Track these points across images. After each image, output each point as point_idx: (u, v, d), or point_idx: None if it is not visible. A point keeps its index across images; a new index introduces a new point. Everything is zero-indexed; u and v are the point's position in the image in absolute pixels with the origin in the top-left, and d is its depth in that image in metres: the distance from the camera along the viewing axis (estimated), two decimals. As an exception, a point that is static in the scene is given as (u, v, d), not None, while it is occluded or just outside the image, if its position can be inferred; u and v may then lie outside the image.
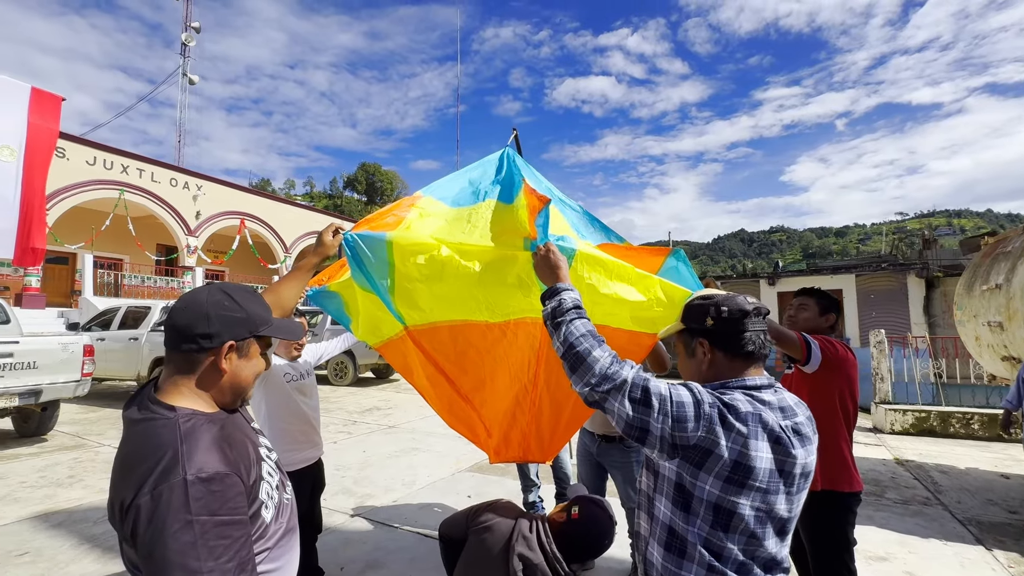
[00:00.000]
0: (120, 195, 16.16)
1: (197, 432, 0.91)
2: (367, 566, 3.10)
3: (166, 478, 0.83)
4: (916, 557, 3.33)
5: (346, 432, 6.77)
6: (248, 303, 1.06)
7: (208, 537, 0.81)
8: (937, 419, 7.00)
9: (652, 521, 1.18)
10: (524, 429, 2.00)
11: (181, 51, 26.06)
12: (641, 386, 1.13)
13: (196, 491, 0.83)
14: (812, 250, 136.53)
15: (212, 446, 0.91)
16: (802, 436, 1.13)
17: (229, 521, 0.85)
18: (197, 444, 0.89)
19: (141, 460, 0.87)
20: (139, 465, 0.86)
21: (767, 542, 1.09)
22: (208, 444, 0.90)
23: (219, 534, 0.83)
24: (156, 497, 0.81)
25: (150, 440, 0.89)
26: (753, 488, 1.06)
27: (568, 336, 1.23)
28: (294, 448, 2.51)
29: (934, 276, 15.18)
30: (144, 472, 0.84)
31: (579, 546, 1.68)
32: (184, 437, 0.89)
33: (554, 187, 2.23)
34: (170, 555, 0.79)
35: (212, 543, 0.82)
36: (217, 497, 0.85)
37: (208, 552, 0.81)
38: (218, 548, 0.82)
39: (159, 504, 0.81)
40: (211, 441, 0.91)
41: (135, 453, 0.89)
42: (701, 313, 1.25)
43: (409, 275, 1.82)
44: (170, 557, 0.79)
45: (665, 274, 1.67)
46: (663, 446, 1.10)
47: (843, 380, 2.15)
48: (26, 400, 5.57)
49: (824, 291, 2.44)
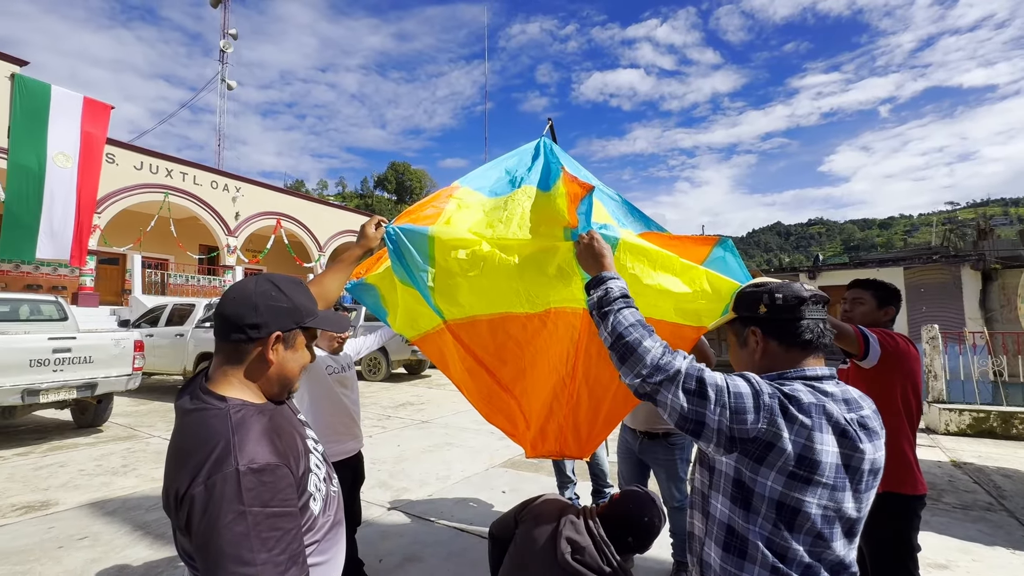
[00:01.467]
0: (165, 198, 16.91)
1: (248, 423, 0.91)
2: (405, 559, 3.12)
3: (219, 468, 0.83)
4: (981, 565, 3.12)
5: (380, 427, 6.88)
6: (295, 294, 1.05)
7: (261, 528, 0.81)
8: (997, 419, 6.57)
9: (708, 520, 1.13)
10: (561, 423, 1.97)
11: (220, 58, 27.03)
12: (696, 376, 1.07)
13: (248, 482, 0.82)
14: (854, 243, 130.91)
15: (263, 437, 0.90)
16: (869, 430, 1.05)
17: (280, 513, 0.85)
18: (248, 435, 0.88)
19: (194, 450, 0.87)
20: (192, 455, 0.86)
21: (835, 543, 1.02)
22: (259, 435, 0.90)
23: (271, 525, 0.82)
24: (210, 488, 0.81)
25: (202, 430, 0.89)
26: (820, 484, 1.00)
27: (617, 326, 1.19)
28: (335, 440, 2.55)
29: (991, 268, 14.26)
30: (197, 462, 0.84)
31: (622, 525, 1.67)
32: (235, 428, 0.88)
33: (592, 176, 2.17)
34: (224, 546, 0.78)
35: (265, 534, 0.81)
36: (269, 488, 0.84)
37: (261, 543, 0.80)
38: (270, 540, 0.81)
39: (212, 494, 0.81)
40: (261, 432, 0.91)
41: (188, 443, 0.90)
42: (754, 300, 1.18)
43: (450, 270, 1.80)
44: (224, 548, 0.78)
45: (711, 264, 1.60)
46: (720, 439, 1.04)
47: (904, 376, 2.02)
48: (83, 393, 5.88)
49: (881, 281, 2.28)
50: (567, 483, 3.68)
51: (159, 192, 16.93)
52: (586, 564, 1.54)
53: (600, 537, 1.61)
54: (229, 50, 26.85)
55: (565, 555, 1.56)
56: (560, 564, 1.55)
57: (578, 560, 1.56)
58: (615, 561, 1.56)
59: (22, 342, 5.51)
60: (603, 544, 1.59)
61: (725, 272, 1.54)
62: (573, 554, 1.56)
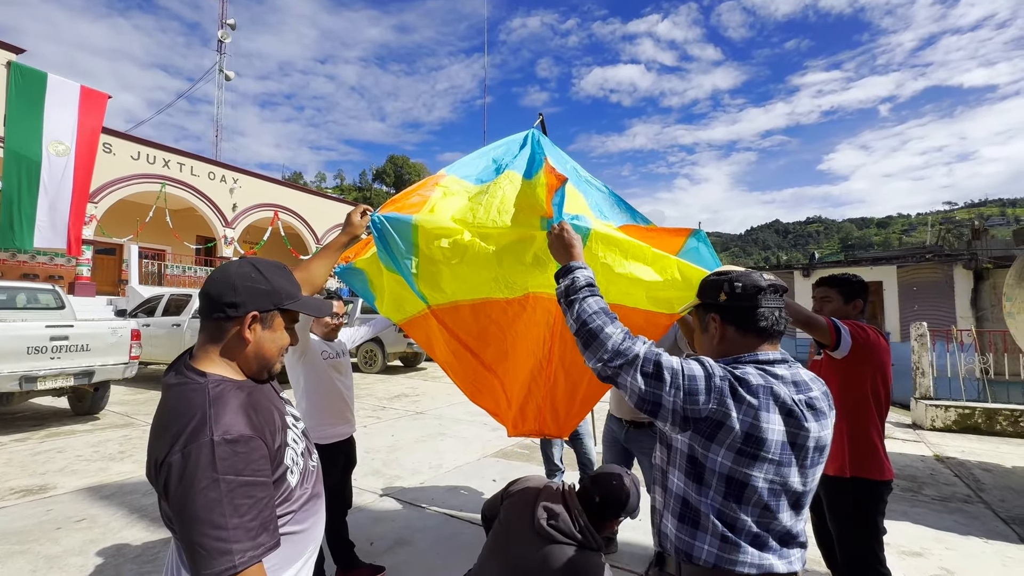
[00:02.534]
0: (162, 188, 16.88)
1: (225, 397, 0.96)
2: (396, 543, 3.21)
3: (195, 438, 0.88)
4: (954, 554, 3.22)
5: (375, 417, 6.95)
6: (275, 277, 1.09)
7: (233, 495, 0.86)
8: (982, 416, 6.69)
9: (666, 494, 1.21)
10: (539, 403, 2.04)
11: (217, 48, 26.83)
12: (653, 360, 1.14)
13: (222, 451, 0.87)
14: (852, 241, 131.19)
15: (239, 411, 0.95)
16: (816, 410, 1.13)
17: (252, 482, 0.90)
18: (225, 408, 0.93)
19: (173, 421, 0.92)
20: (171, 425, 0.91)
21: (781, 515, 1.10)
22: (235, 408, 0.95)
23: (243, 493, 0.87)
24: (186, 456, 0.86)
25: (181, 403, 0.95)
26: (766, 460, 1.07)
27: (581, 313, 1.26)
28: (328, 423, 2.62)
29: (983, 267, 14.39)
30: (175, 432, 0.89)
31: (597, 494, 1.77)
32: (213, 401, 0.93)
33: (580, 167, 2.23)
34: (198, 510, 0.83)
35: (237, 501, 0.86)
36: (242, 458, 0.89)
37: (233, 509, 0.85)
38: (242, 507, 0.86)
39: (188, 462, 0.86)
40: (238, 406, 0.96)
41: (168, 414, 0.95)
42: (715, 288, 1.25)
43: (433, 257, 1.86)
44: (198, 512, 0.83)
45: (686, 255, 1.66)
46: (675, 419, 1.12)
47: (874, 366, 2.10)
48: (80, 380, 5.94)
49: (844, 277, 2.33)
50: (555, 471, 3.77)
51: (156, 182, 16.90)
52: (558, 528, 1.65)
53: (573, 505, 1.72)
54: (227, 40, 26.67)
55: (540, 520, 1.67)
56: (536, 529, 1.66)
57: (552, 525, 1.66)
58: (587, 528, 1.66)
59: (19, 329, 5.55)
60: (575, 511, 1.70)
61: (698, 262, 1.61)
62: (548, 520, 1.67)
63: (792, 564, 1.13)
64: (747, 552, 1.09)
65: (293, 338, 1.16)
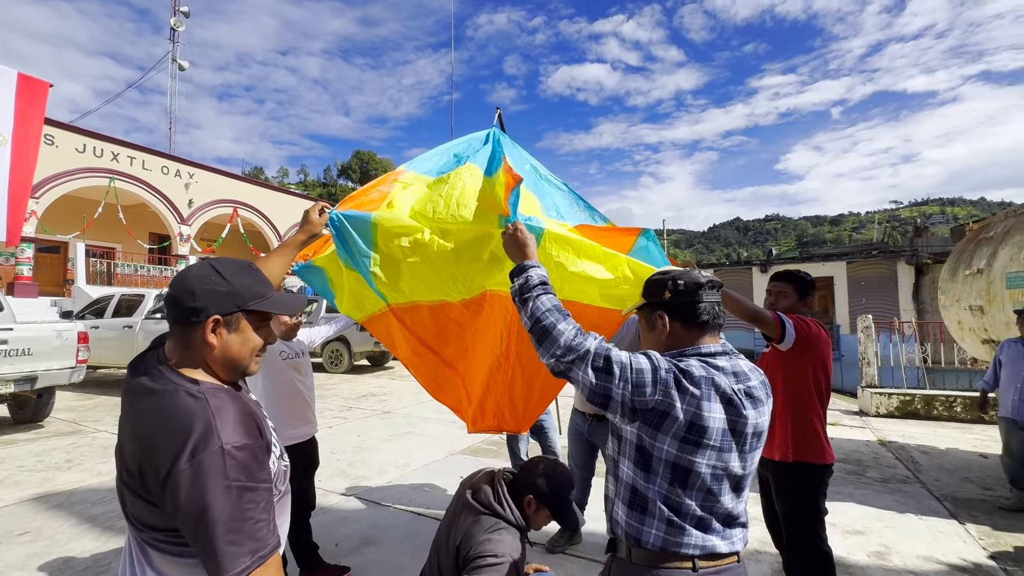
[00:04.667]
0: (111, 183, 16.01)
1: (225, 407, 0.97)
2: (361, 543, 3.19)
3: (205, 447, 0.89)
4: (892, 531, 3.46)
5: (341, 417, 6.85)
6: (237, 277, 1.06)
7: (242, 501, 0.89)
8: (921, 402, 7.16)
9: (617, 482, 1.26)
10: (498, 399, 2.08)
11: (170, 36, 25.63)
12: (603, 355, 1.20)
13: (231, 459, 0.90)
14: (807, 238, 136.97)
15: (239, 420, 0.97)
16: (754, 399, 1.20)
17: (257, 487, 0.93)
18: (228, 417, 0.95)
19: (175, 430, 0.91)
20: (174, 435, 0.91)
21: (723, 498, 1.17)
22: (236, 418, 0.96)
23: (250, 499, 0.90)
24: (196, 465, 0.87)
25: (179, 410, 0.93)
26: (708, 447, 1.14)
27: (535, 311, 1.30)
28: (288, 424, 2.57)
29: (923, 263, 15.34)
30: (181, 441, 0.89)
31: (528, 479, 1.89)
32: (216, 411, 0.94)
33: (540, 165, 2.26)
34: (213, 517, 0.86)
35: (245, 506, 0.89)
36: (247, 465, 0.92)
37: (242, 514, 0.88)
38: (248, 511, 0.90)
39: (200, 471, 0.87)
40: (237, 415, 0.97)
41: (165, 423, 0.93)
42: (659, 287, 1.32)
43: (392, 256, 1.87)
44: (214, 518, 0.86)
45: (636, 254, 1.73)
46: (624, 411, 1.17)
47: (816, 358, 2.23)
48: (21, 387, 5.60)
49: (800, 275, 2.44)
50: None
51: (104, 177, 16.00)
52: (479, 500, 1.81)
53: (498, 481, 1.88)
54: (180, 28, 25.50)
55: (467, 496, 1.83)
56: (462, 503, 1.83)
57: (475, 498, 1.82)
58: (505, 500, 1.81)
59: (-49, 334, 5.20)
60: (498, 486, 1.85)
61: (648, 260, 1.68)
62: (473, 494, 1.83)
63: (734, 544, 1.20)
64: (691, 535, 1.15)
65: (269, 337, 1.13)
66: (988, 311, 4.78)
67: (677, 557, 1.15)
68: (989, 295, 4.74)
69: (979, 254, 5.06)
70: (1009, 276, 4.41)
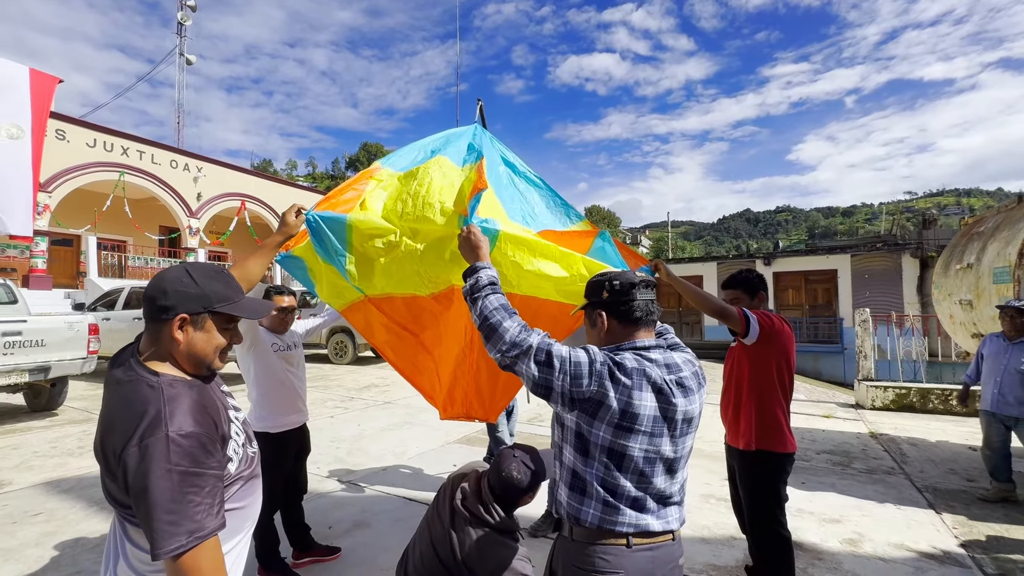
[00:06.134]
0: (120, 177, 16.27)
1: (178, 397, 1.08)
2: (354, 525, 3.35)
3: (152, 433, 1.00)
4: (868, 520, 3.55)
5: (343, 407, 7.03)
6: (207, 281, 1.18)
7: (183, 485, 0.99)
8: (917, 395, 7.19)
9: (561, 467, 1.37)
10: (465, 388, 2.20)
11: (177, 30, 25.79)
12: (545, 350, 1.30)
13: (175, 446, 1.00)
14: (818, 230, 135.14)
15: (190, 409, 1.07)
16: (685, 388, 1.31)
17: (200, 473, 1.03)
18: (178, 407, 1.06)
19: (131, 416, 1.04)
20: (129, 419, 1.03)
21: (656, 479, 1.28)
22: (187, 408, 1.07)
23: (191, 483, 1.00)
24: (143, 449, 0.99)
25: (137, 398, 1.06)
26: (639, 432, 1.25)
27: (483, 309, 1.40)
28: (278, 412, 2.71)
29: (928, 256, 15.21)
30: (133, 426, 1.01)
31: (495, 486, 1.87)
32: (168, 400, 1.06)
33: (519, 162, 2.33)
34: (154, 497, 0.96)
35: (186, 489, 0.99)
36: (191, 452, 1.02)
37: (182, 496, 0.99)
38: (189, 494, 1.00)
39: (145, 454, 0.99)
40: (190, 405, 1.08)
41: (124, 409, 1.06)
42: (598, 287, 1.42)
43: (366, 255, 1.98)
44: (154, 499, 0.96)
45: (593, 254, 1.83)
46: (564, 400, 1.28)
47: (779, 351, 2.32)
48: (35, 376, 5.84)
49: (743, 276, 2.54)
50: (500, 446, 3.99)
51: (114, 171, 16.27)
52: (470, 511, 1.82)
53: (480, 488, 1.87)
54: (187, 22, 25.63)
55: (456, 500, 1.85)
56: (452, 509, 1.84)
57: (465, 506, 1.83)
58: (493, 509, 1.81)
59: (-31, 325, 5.42)
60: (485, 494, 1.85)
61: (604, 259, 1.78)
62: (462, 500, 1.85)
63: (669, 523, 1.30)
64: (625, 514, 1.26)
65: (235, 338, 1.25)
66: (977, 305, 4.81)
67: (612, 535, 1.26)
68: (978, 290, 4.77)
69: (970, 249, 5.08)
70: (996, 271, 4.44)
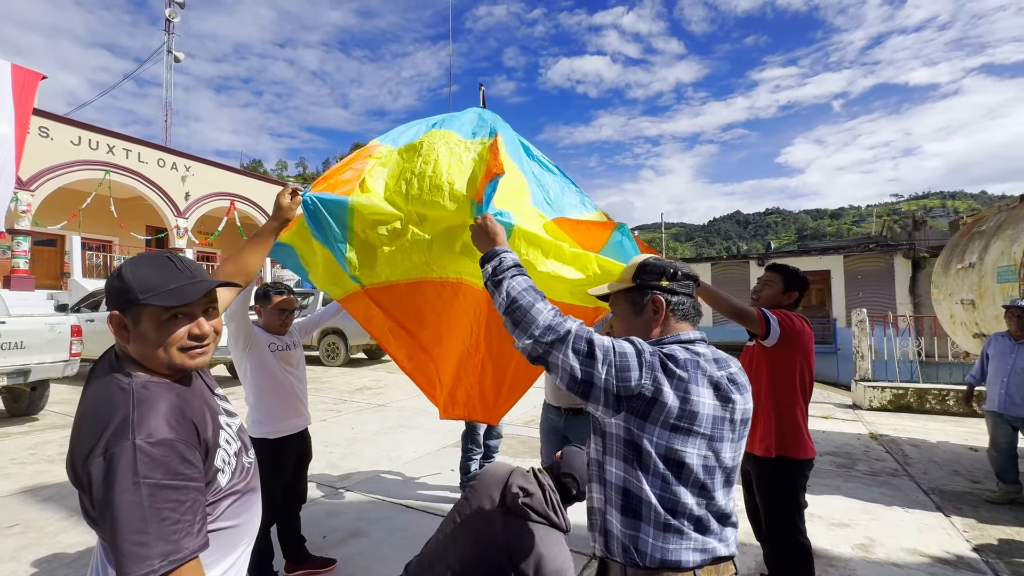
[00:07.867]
0: (105, 175, 15.92)
1: (152, 399, 0.93)
2: (349, 534, 3.21)
3: (117, 441, 0.86)
4: (878, 524, 3.47)
5: (336, 410, 6.87)
6: (135, 273, 1.01)
7: (154, 499, 0.84)
8: (914, 396, 7.18)
9: (605, 487, 1.17)
10: (468, 389, 2.08)
11: (165, 27, 25.39)
12: (585, 338, 1.13)
13: (143, 455, 0.85)
14: (807, 232, 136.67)
15: (164, 414, 0.92)
16: (738, 384, 1.16)
17: (175, 486, 0.87)
18: (149, 411, 0.91)
19: (96, 420, 0.90)
20: (94, 425, 0.89)
21: (717, 493, 1.11)
22: (162, 411, 0.92)
23: (165, 497, 0.85)
24: (108, 459, 0.85)
25: (105, 401, 0.93)
26: (699, 435, 1.08)
27: (510, 291, 1.22)
28: (277, 416, 2.56)
29: (920, 257, 15.34)
30: (97, 433, 0.87)
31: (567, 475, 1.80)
32: (137, 403, 0.91)
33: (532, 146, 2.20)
34: (119, 515, 0.82)
35: (158, 505, 0.84)
36: (163, 462, 0.87)
37: (154, 513, 0.83)
38: (163, 510, 0.85)
39: (110, 465, 0.84)
40: (165, 409, 0.93)
41: (91, 412, 0.93)
42: (658, 272, 1.26)
43: (368, 241, 1.85)
44: (119, 516, 0.82)
45: (610, 247, 1.72)
46: (607, 399, 1.10)
47: (800, 353, 2.23)
48: (14, 380, 5.61)
49: (792, 269, 2.44)
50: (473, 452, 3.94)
51: (99, 169, 15.92)
52: (532, 507, 1.67)
53: (548, 485, 1.75)
54: (175, 19, 25.24)
55: (517, 498, 1.67)
56: (510, 506, 1.67)
57: (526, 504, 1.68)
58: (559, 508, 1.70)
59: (-57, 327, 5.20)
60: (550, 490, 1.73)
61: (622, 254, 1.67)
62: (523, 498, 1.68)
63: (730, 546, 1.13)
64: (691, 538, 1.08)
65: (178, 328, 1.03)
66: (979, 305, 4.78)
67: (678, 569, 1.07)
68: (980, 289, 4.74)
69: (971, 248, 5.05)
70: (1000, 270, 4.40)
